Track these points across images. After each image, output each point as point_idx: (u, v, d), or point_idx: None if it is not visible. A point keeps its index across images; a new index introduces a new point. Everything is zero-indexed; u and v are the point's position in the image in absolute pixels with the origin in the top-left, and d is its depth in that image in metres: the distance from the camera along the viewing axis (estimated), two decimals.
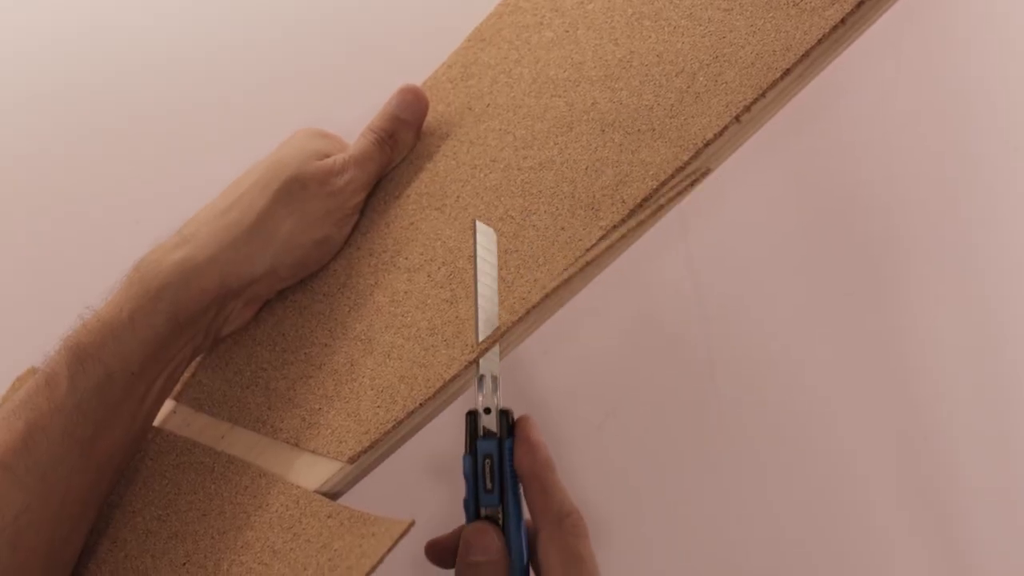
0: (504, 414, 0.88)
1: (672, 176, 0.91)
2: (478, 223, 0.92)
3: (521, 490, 0.88)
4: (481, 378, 0.88)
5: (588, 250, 0.91)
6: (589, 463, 1.26)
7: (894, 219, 1.27)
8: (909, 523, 1.29)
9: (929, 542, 1.30)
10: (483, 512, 0.87)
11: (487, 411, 0.87)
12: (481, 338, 0.90)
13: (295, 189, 1.01)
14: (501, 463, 0.87)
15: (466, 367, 0.92)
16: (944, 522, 1.29)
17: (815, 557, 1.29)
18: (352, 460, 0.93)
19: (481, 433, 0.87)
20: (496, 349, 0.90)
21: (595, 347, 1.24)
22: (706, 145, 0.90)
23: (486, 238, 0.92)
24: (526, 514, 0.88)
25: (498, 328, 0.91)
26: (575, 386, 1.25)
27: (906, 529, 1.29)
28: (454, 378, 0.91)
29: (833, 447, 1.28)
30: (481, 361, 0.89)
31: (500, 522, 0.87)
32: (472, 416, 0.88)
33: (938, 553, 1.29)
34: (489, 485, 0.87)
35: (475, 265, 0.91)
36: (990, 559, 1.29)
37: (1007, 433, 1.29)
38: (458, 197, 1.01)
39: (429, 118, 1.08)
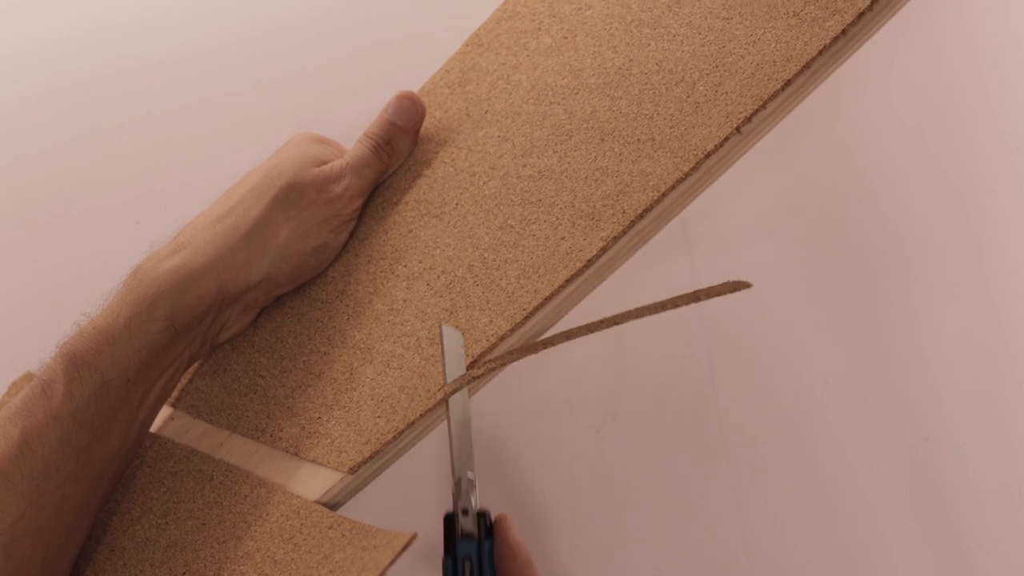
0: (482, 516, 0.88)
1: (673, 187, 0.90)
2: (444, 328, 0.92)
3: None
4: (458, 481, 0.88)
5: (589, 261, 0.91)
6: (588, 467, 1.25)
7: (895, 222, 1.26)
8: (910, 524, 1.29)
9: (931, 543, 1.29)
10: None
11: (465, 512, 0.87)
12: (456, 456, 0.89)
13: (292, 196, 1.01)
14: (480, 565, 0.87)
15: (461, 379, 0.92)
16: (945, 523, 1.29)
17: (816, 559, 1.29)
18: (352, 470, 0.92)
19: (460, 535, 0.87)
20: (472, 454, 0.90)
21: (594, 350, 1.24)
22: (707, 156, 0.90)
23: (453, 341, 0.92)
24: None
25: (467, 445, 0.90)
26: (574, 390, 1.24)
27: (907, 530, 1.29)
28: (455, 390, 0.91)
29: (834, 450, 1.28)
30: (456, 464, 0.89)
31: None
32: (450, 519, 0.88)
33: (940, 554, 1.29)
34: None
35: (444, 373, 0.91)
36: (991, 560, 1.29)
37: (1009, 434, 1.29)
38: (457, 204, 1.01)
39: (427, 124, 1.08)
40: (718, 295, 0.89)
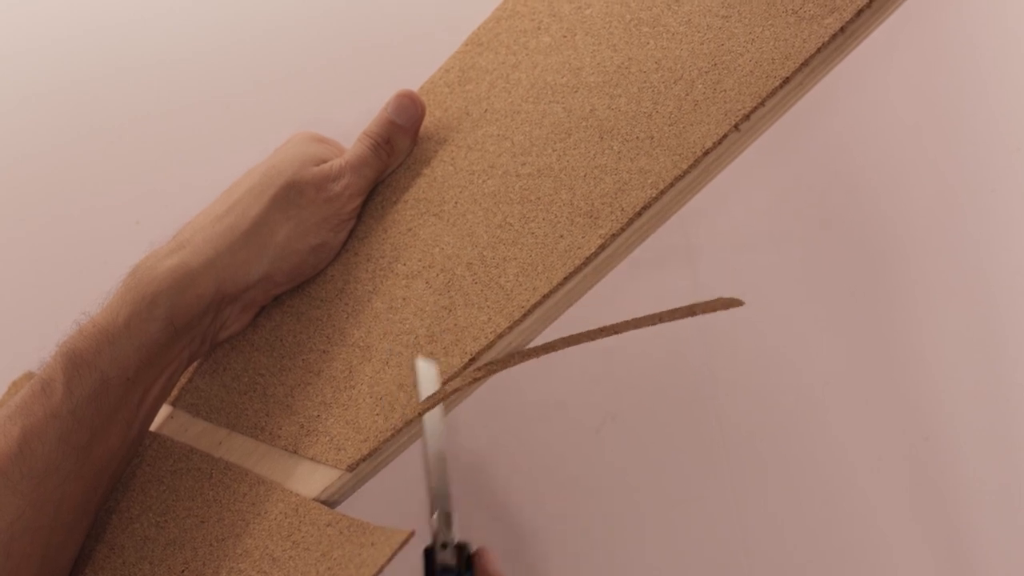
0: (461, 548, 0.88)
1: (671, 185, 0.90)
2: (418, 361, 0.92)
3: None
4: (436, 515, 0.88)
5: (588, 259, 0.91)
6: (588, 467, 1.25)
7: (894, 221, 1.26)
8: (910, 524, 1.29)
9: (931, 543, 1.29)
10: None
11: (444, 547, 0.87)
12: (434, 489, 0.89)
13: (291, 195, 1.01)
14: None
15: (463, 378, 0.92)
16: (945, 523, 1.29)
17: (816, 559, 1.29)
18: (351, 468, 0.92)
19: (439, 569, 0.87)
20: (449, 485, 0.89)
21: (594, 350, 1.23)
22: (705, 154, 0.90)
23: (427, 376, 0.92)
24: None
25: (447, 499, 0.90)
26: (574, 390, 1.24)
27: (907, 530, 1.29)
28: (456, 391, 0.91)
29: (834, 450, 1.28)
30: (434, 498, 0.89)
31: None
32: (429, 553, 0.88)
33: (940, 554, 1.29)
34: None
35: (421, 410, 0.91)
36: (991, 560, 1.29)
37: (1009, 434, 1.29)
38: (456, 203, 1.01)
39: (426, 123, 1.08)
40: (712, 311, 0.89)
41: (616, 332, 0.88)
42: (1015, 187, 1.26)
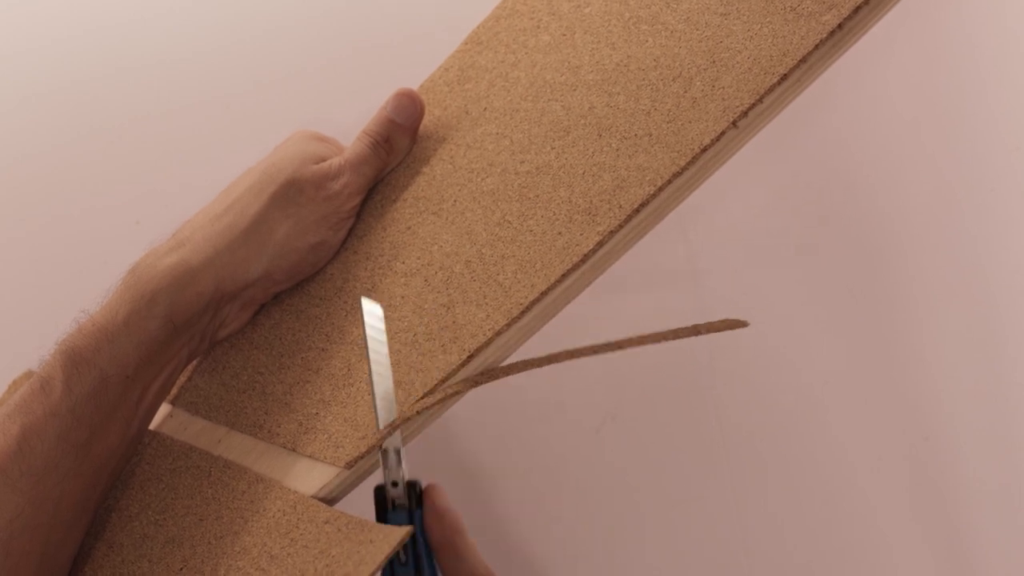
0: (411, 485, 0.87)
1: (669, 182, 0.91)
2: (364, 300, 0.90)
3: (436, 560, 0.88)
4: (384, 452, 0.88)
5: (586, 256, 0.91)
6: (588, 467, 1.25)
7: (893, 219, 1.26)
8: (910, 524, 1.29)
9: (931, 543, 1.29)
10: None
11: (394, 484, 0.87)
12: (381, 423, 0.88)
13: (291, 193, 1.01)
14: (413, 535, 0.87)
15: (462, 374, 0.92)
16: (945, 523, 1.29)
17: (816, 559, 1.29)
18: (349, 466, 0.92)
19: (391, 507, 0.87)
20: (398, 425, 0.89)
21: None
22: (703, 151, 0.90)
23: (374, 317, 0.91)
24: None
25: (398, 417, 0.89)
26: (575, 390, 1.24)
27: (907, 530, 1.29)
28: (454, 392, 0.91)
29: (834, 450, 1.28)
30: (384, 437, 0.88)
31: None
32: (380, 491, 0.88)
33: (940, 554, 1.29)
34: (403, 558, 0.87)
35: (366, 346, 0.88)
36: (991, 560, 1.29)
37: (1009, 434, 1.29)
38: (455, 201, 1.01)
39: (425, 122, 1.08)
40: (717, 331, 0.89)
41: (620, 348, 0.89)
42: (1014, 186, 1.26)
